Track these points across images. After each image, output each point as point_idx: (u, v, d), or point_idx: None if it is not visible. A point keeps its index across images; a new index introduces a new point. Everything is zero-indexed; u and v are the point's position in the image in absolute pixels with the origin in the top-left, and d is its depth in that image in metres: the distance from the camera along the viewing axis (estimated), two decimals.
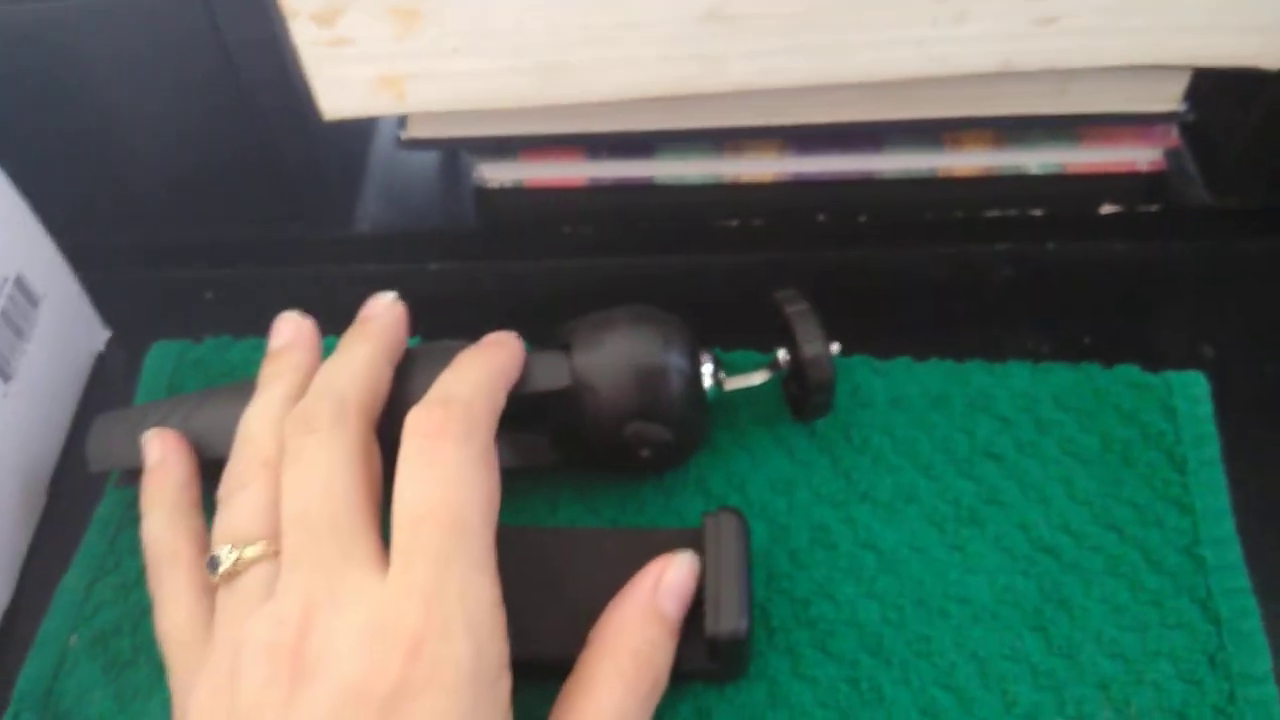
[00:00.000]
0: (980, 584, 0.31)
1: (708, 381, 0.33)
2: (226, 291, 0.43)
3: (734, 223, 0.42)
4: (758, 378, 0.34)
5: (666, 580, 0.28)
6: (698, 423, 0.33)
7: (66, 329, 0.39)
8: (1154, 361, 0.36)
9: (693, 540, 0.30)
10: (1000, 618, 0.31)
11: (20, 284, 0.36)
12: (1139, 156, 0.43)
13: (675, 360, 0.32)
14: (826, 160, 0.43)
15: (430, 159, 0.45)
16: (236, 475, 0.28)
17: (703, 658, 0.29)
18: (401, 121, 0.41)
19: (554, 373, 0.32)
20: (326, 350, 0.32)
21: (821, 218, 0.42)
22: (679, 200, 0.43)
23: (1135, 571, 0.31)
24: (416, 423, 0.27)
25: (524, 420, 0.32)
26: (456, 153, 0.45)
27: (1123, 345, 0.38)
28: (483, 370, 0.29)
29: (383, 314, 0.32)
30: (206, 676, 0.25)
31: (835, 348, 0.33)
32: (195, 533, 0.29)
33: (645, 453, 0.32)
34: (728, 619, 0.28)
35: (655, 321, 0.32)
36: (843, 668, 0.30)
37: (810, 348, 0.32)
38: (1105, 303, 0.40)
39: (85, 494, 0.36)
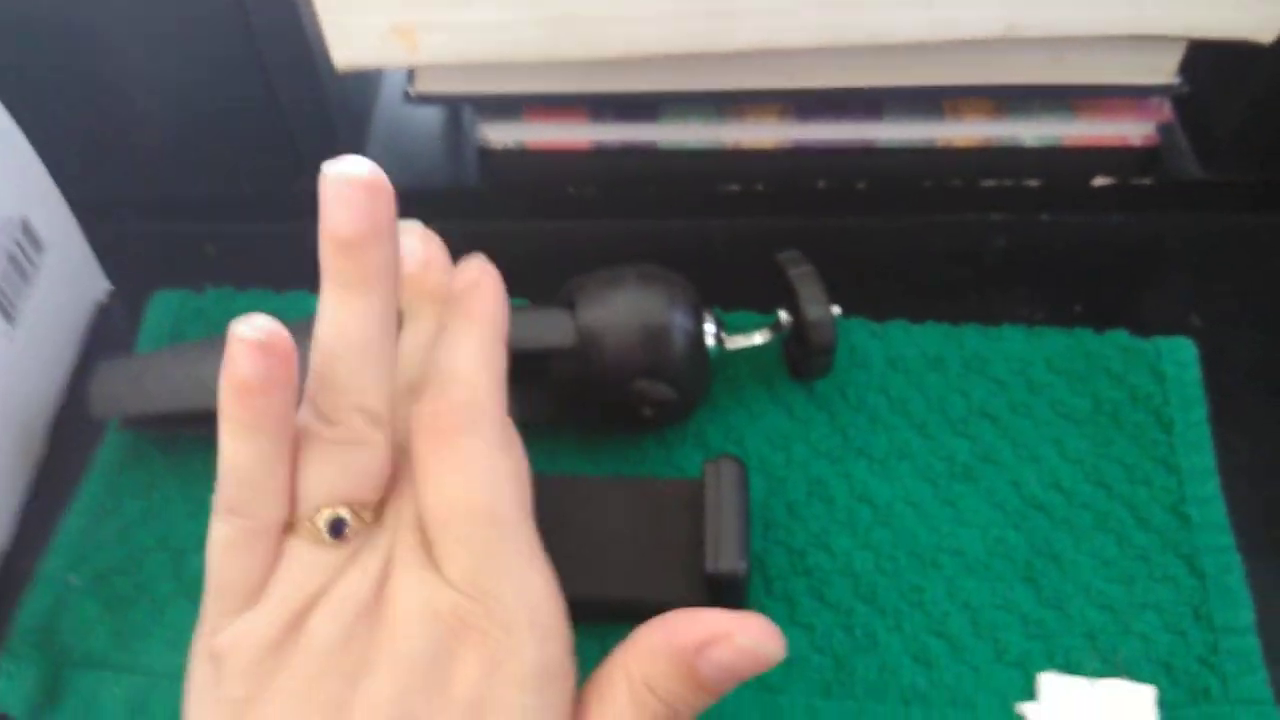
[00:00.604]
0: (973, 537, 0.32)
1: (710, 340, 0.33)
2: (228, 245, 0.43)
3: (735, 188, 0.42)
4: (759, 337, 0.34)
5: (714, 647, 0.23)
6: (700, 380, 0.33)
7: (69, 277, 0.38)
8: (1144, 330, 0.37)
9: (694, 489, 0.30)
10: (992, 569, 0.31)
11: (26, 228, 0.35)
12: (1133, 130, 0.43)
13: (680, 319, 0.32)
14: (827, 128, 0.43)
15: (435, 119, 0.45)
16: (340, 415, 0.23)
17: (701, 598, 0.29)
18: (410, 77, 0.41)
19: (559, 330, 0.32)
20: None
21: (822, 184, 0.42)
22: (681, 165, 0.43)
23: (1123, 527, 0.32)
24: (422, 422, 0.24)
25: (527, 375, 0.31)
26: (460, 113, 0.45)
27: (1113, 314, 0.38)
28: (475, 338, 0.25)
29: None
30: (262, 620, 0.23)
31: (836, 310, 0.33)
32: (290, 476, 0.24)
33: (648, 410, 0.32)
34: (726, 559, 0.29)
35: (660, 281, 0.32)
36: (838, 615, 0.30)
37: (813, 310, 0.32)
38: (1097, 272, 0.40)
39: (85, 440, 0.36)
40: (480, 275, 0.27)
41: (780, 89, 0.40)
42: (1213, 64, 0.40)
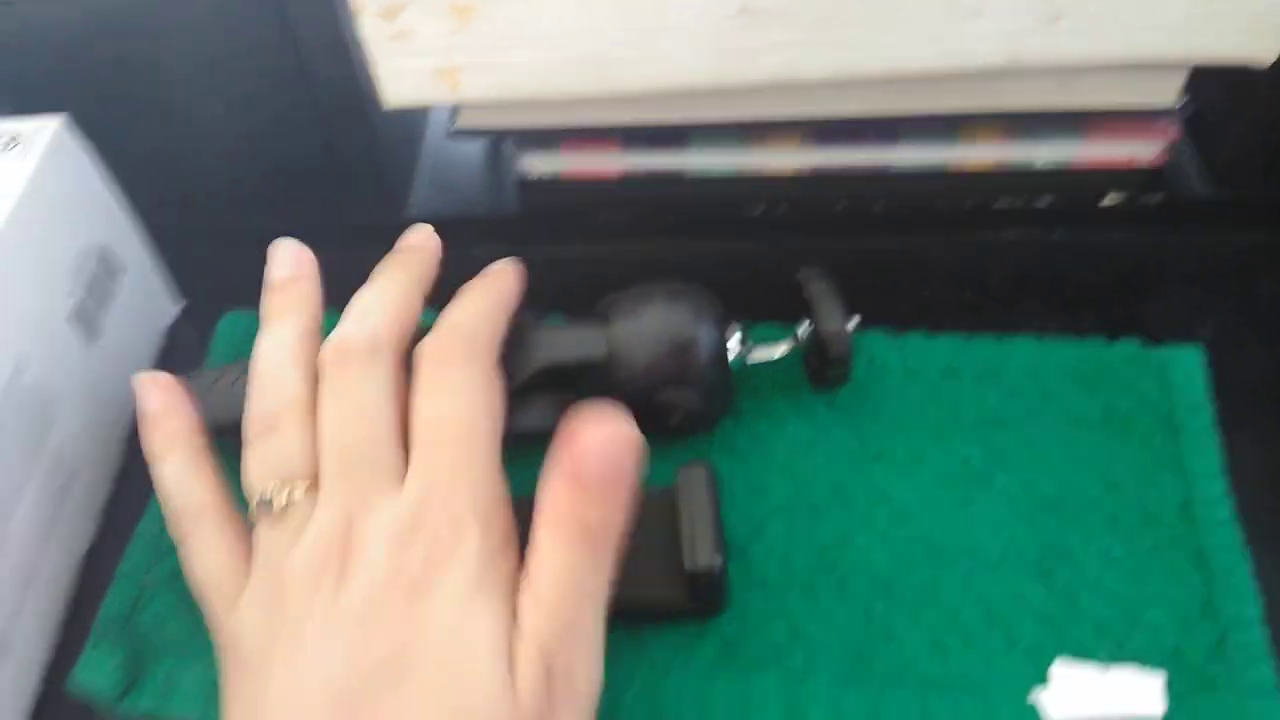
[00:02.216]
0: (986, 536, 0.32)
1: (733, 352, 0.33)
2: None
3: (759, 211, 0.43)
4: (780, 349, 0.35)
5: (576, 448, 0.26)
6: (724, 389, 0.34)
7: (143, 299, 0.40)
8: (1153, 343, 0.37)
9: (667, 495, 0.31)
10: (1004, 565, 0.31)
11: (105, 254, 0.37)
12: (1141, 150, 0.43)
13: (705, 332, 0.32)
14: (846, 153, 0.43)
15: (477, 152, 0.46)
16: (266, 415, 0.28)
17: (682, 596, 0.30)
18: (453, 114, 0.42)
19: (592, 343, 0.33)
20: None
21: (841, 206, 0.43)
22: (707, 190, 0.44)
23: (1132, 526, 0.32)
24: (426, 350, 0.28)
25: (562, 387, 0.32)
26: (502, 145, 0.46)
27: (1123, 328, 0.38)
28: (483, 300, 0.30)
29: (419, 244, 0.33)
30: (255, 599, 0.26)
31: (854, 321, 0.33)
32: (215, 480, 0.29)
33: (675, 419, 0.33)
34: (703, 555, 0.29)
35: (687, 296, 0.33)
36: (858, 608, 0.31)
37: (830, 323, 0.33)
38: (1108, 288, 0.40)
39: None
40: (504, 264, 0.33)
41: (800, 117, 0.41)
42: (1220, 83, 0.40)
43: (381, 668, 0.24)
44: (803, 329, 0.34)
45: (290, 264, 0.32)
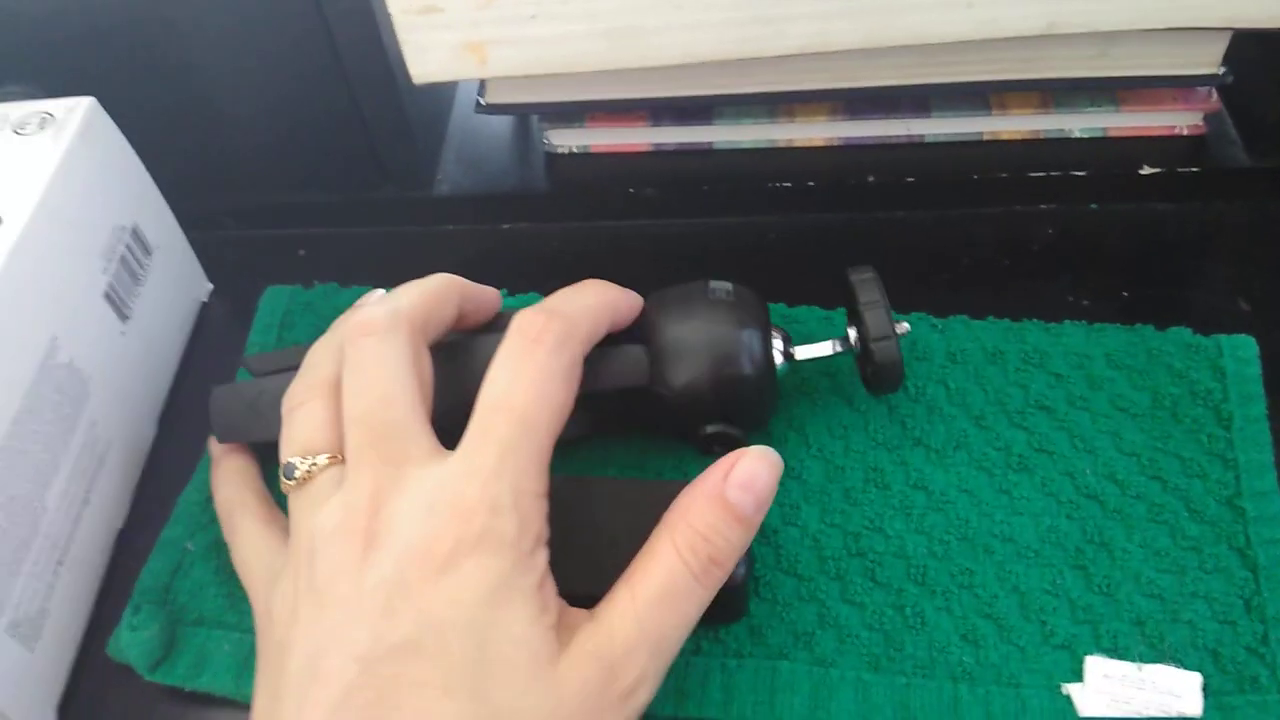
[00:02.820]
0: (1025, 525, 0.31)
1: (779, 359, 0.31)
2: (317, 249, 0.43)
3: (788, 184, 0.42)
4: (826, 349, 0.32)
5: (736, 471, 0.26)
6: (769, 412, 0.32)
7: (175, 278, 0.39)
8: (1191, 315, 0.35)
9: None
10: (1042, 556, 0.30)
11: (136, 234, 0.36)
12: (1179, 120, 0.41)
13: (751, 365, 0.30)
14: (876, 124, 0.42)
15: (504, 127, 0.45)
16: (298, 394, 0.28)
17: None
18: (481, 89, 0.41)
19: (634, 369, 0.31)
20: None
21: (872, 179, 0.41)
22: (736, 164, 0.43)
23: (1176, 519, 0.31)
24: (521, 324, 0.27)
25: (602, 409, 0.31)
26: (529, 120, 0.45)
27: (1161, 301, 0.37)
28: (595, 298, 0.29)
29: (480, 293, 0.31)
30: (287, 569, 0.26)
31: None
32: (258, 488, 0.32)
33: (717, 449, 0.31)
34: None
35: (733, 321, 0.30)
36: (889, 595, 0.30)
37: (881, 350, 0.30)
38: (1145, 260, 0.39)
39: (190, 425, 0.37)
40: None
41: (829, 88, 0.40)
42: (1260, 52, 0.38)
43: (406, 642, 0.23)
44: (852, 334, 0.32)
45: (376, 297, 0.32)
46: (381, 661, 0.23)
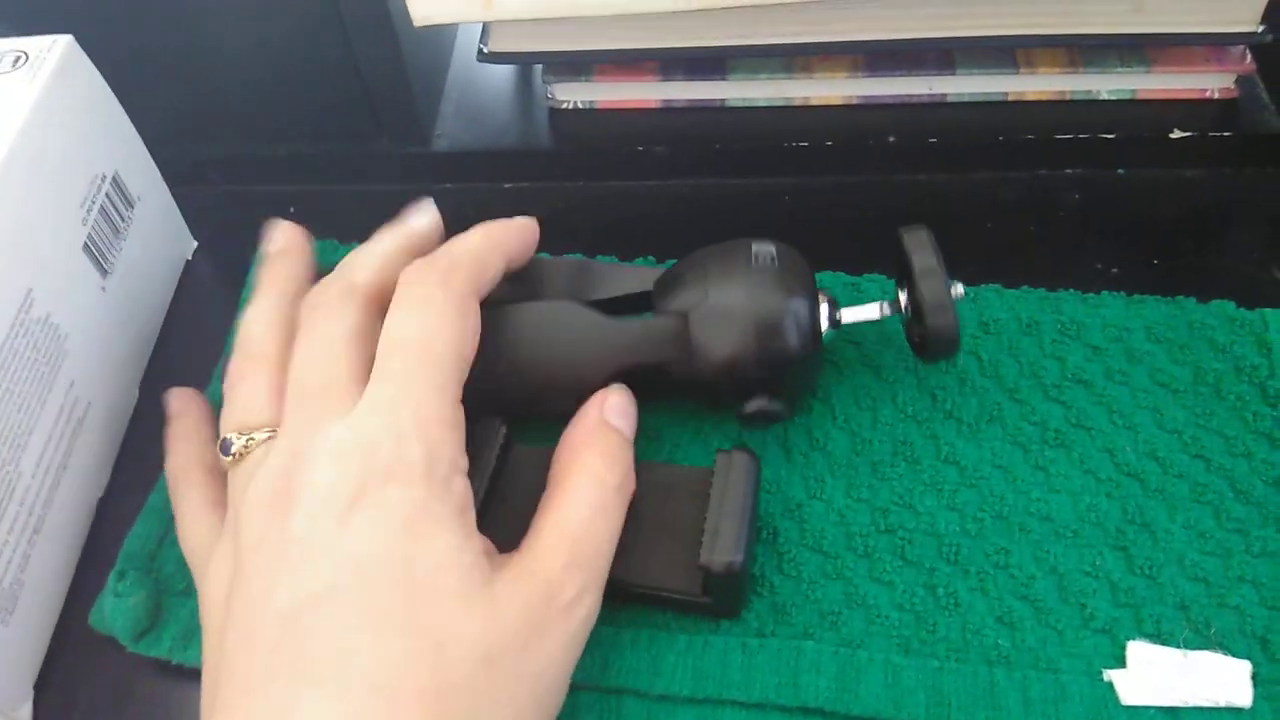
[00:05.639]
0: (1063, 503, 0.29)
1: (825, 325, 0.29)
2: (308, 206, 0.40)
3: (804, 144, 0.39)
4: (874, 311, 0.30)
5: (609, 403, 0.28)
6: (813, 382, 0.31)
7: (158, 233, 0.37)
8: (1223, 285, 0.33)
9: (704, 478, 0.27)
10: (1081, 536, 0.28)
11: (117, 183, 0.34)
12: (1211, 82, 0.39)
13: (800, 340, 0.28)
14: (898, 82, 0.39)
15: (506, 81, 0.42)
16: (237, 371, 0.28)
17: (697, 589, 0.27)
18: (483, 35, 0.38)
19: (674, 344, 0.28)
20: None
21: (892, 139, 0.39)
22: (750, 122, 0.40)
23: (1221, 500, 0.29)
24: (406, 273, 0.27)
25: (634, 382, 0.29)
26: (531, 74, 0.42)
27: (1192, 269, 0.35)
28: (481, 240, 0.29)
29: (418, 217, 0.31)
30: (219, 547, 0.26)
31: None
32: (205, 458, 0.30)
33: (759, 422, 0.29)
34: (722, 551, 0.26)
35: (779, 287, 0.28)
36: (920, 574, 0.28)
37: (935, 318, 0.28)
38: (1174, 226, 0.37)
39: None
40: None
41: (850, 40, 0.37)
42: None
43: (326, 589, 0.23)
44: (903, 297, 0.29)
45: (282, 240, 0.31)
46: (301, 612, 0.22)
